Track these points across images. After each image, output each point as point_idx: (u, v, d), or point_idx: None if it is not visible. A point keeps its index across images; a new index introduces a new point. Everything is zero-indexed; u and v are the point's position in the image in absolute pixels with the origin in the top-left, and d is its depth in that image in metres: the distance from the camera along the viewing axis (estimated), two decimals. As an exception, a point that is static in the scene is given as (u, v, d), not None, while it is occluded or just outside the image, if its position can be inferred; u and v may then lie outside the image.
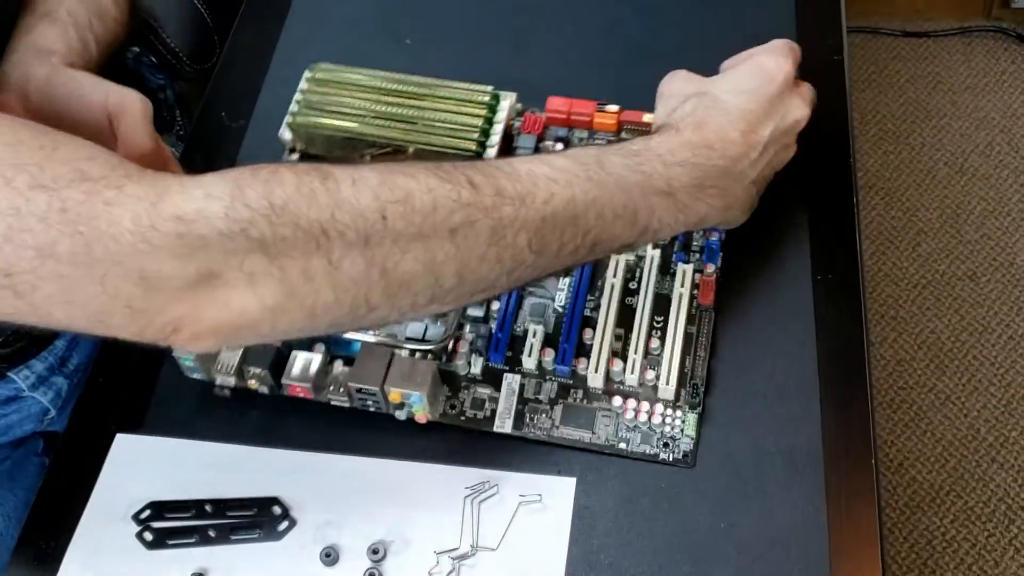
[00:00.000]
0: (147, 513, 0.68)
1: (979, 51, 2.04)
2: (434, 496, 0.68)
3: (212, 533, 0.67)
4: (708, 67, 0.88)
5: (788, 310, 0.74)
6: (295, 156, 0.82)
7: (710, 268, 0.74)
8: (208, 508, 0.67)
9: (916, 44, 2.07)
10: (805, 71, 0.87)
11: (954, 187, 1.86)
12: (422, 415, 0.68)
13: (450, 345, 0.72)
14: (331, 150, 0.81)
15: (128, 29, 0.88)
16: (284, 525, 0.67)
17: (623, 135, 0.83)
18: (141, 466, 0.71)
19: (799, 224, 0.78)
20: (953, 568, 1.45)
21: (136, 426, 0.72)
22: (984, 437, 1.57)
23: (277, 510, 0.67)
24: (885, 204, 1.84)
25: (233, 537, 0.67)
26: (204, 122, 0.91)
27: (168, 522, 0.67)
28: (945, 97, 1.98)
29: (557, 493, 0.67)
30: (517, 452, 0.69)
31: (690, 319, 0.72)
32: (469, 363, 0.72)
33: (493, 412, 0.70)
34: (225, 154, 0.87)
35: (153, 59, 1.09)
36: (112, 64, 1.13)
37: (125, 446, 0.72)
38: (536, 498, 0.67)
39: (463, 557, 0.65)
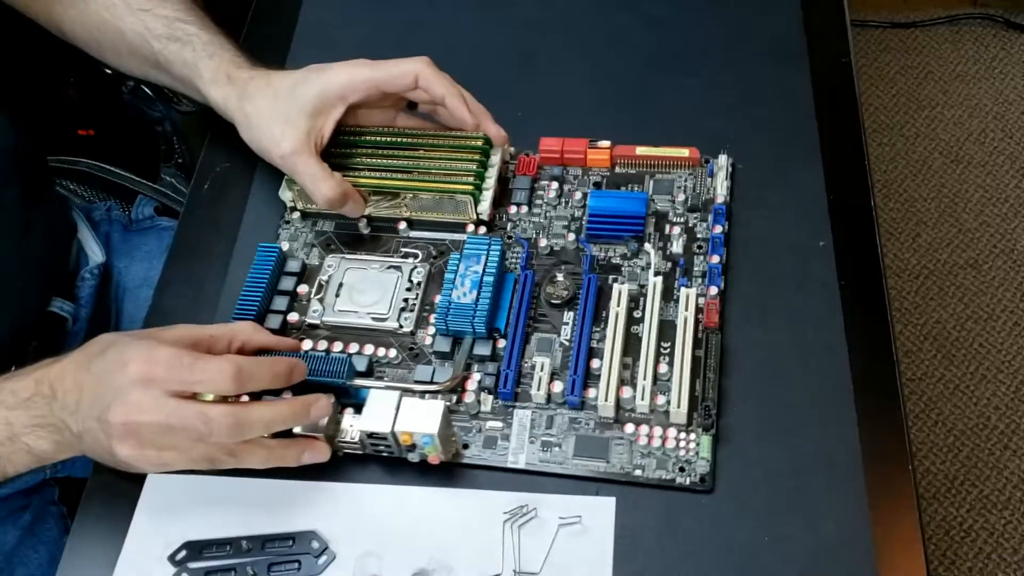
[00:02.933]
0: (183, 554, 0.68)
1: (968, 39, 2.05)
2: (473, 521, 0.68)
3: (251, 571, 0.67)
4: (708, 82, 0.89)
5: (803, 322, 0.74)
6: (296, 215, 0.84)
7: (713, 291, 0.75)
8: (245, 545, 0.68)
9: (904, 35, 2.07)
10: (815, 76, 0.88)
11: (950, 176, 1.86)
12: (434, 456, 0.69)
13: (459, 385, 0.73)
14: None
15: None
16: (324, 559, 0.67)
17: (616, 170, 0.84)
18: (174, 506, 0.71)
19: (809, 241, 0.79)
20: (972, 557, 1.45)
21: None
22: (995, 425, 1.57)
23: (315, 544, 0.67)
24: (883, 196, 1.84)
25: (272, 573, 0.67)
26: (207, 166, 0.91)
27: (205, 561, 0.68)
28: (936, 86, 1.98)
29: (597, 514, 0.67)
30: (534, 486, 0.69)
31: (696, 343, 0.72)
32: (479, 401, 0.72)
33: (506, 449, 0.70)
34: (230, 203, 0.87)
35: (149, 92, 1.10)
36: (107, 100, 1.14)
37: (157, 486, 0.72)
38: (576, 519, 0.67)
39: (508, 582, 0.65)
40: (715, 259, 0.76)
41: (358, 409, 0.70)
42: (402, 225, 0.82)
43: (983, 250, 1.76)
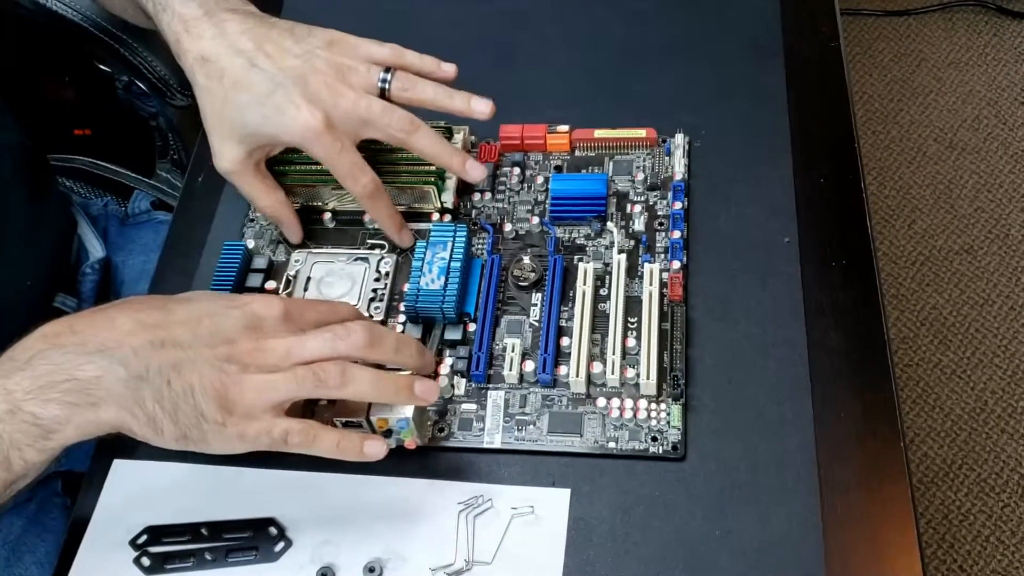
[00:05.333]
0: (144, 538, 0.69)
1: (960, 26, 2.05)
2: (429, 512, 0.68)
3: (209, 556, 0.68)
4: (684, 76, 0.89)
5: (771, 298, 0.75)
6: (259, 212, 0.83)
7: (676, 265, 0.76)
8: (204, 531, 0.68)
9: (898, 23, 2.08)
10: (800, 61, 0.88)
11: (945, 162, 1.86)
12: (411, 441, 0.69)
13: (431, 370, 0.73)
14: (295, 198, 0.82)
15: None
16: (280, 546, 0.68)
17: (576, 153, 0.85)
18: (138, 491, 0.72)
19: (784, 215, 0.79)
20: (971, 541, 1.46)
21: (133, 451, 0.73)
22: (992, 409, 1.58)
23: (273, 531, 0.68)
24: (878, 183, 1.84)
25: (230, 559, 0.67)
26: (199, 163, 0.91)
27: (165, 547, 0.68)
28: (930, 74, 1.99)
29: (552, 505, 0.68)
30: (512, 466, 0.70)
31: (662, 316, 0.73)
32: (452, 385, 0.73)
33: (481, 430, 0.71)
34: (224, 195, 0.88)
35: (143, 87, 1.11)
36: (102, 97, 1.15)
37: (122, 472, 0.73)
38: (528, 510, 0.67)
39: (458, 572, 0.66)
40: (676, 234, 0.77)
41: (332, 400, 0.70)
42: (367, 217, 0.82)
43: (978, 236, 1.77)
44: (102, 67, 1.14)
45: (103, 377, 0.59)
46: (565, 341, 0.73)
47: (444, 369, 0.74)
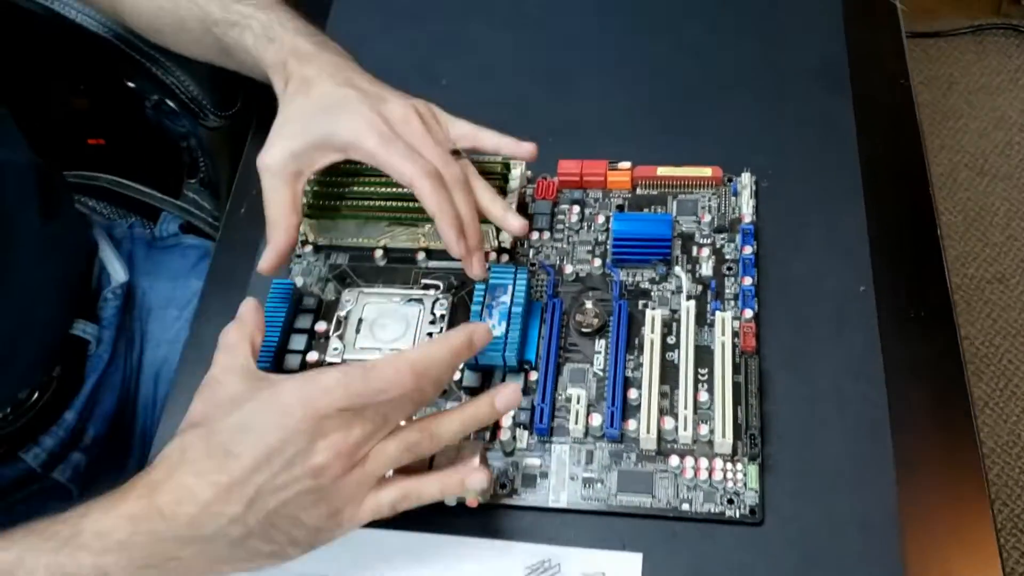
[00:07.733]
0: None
1: (991, 49, 2.03)
2: (493, 574, 0.65)
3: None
4: (747, 111, 0.86)
5: (848, 350, 0.72)
6: (308, 248, 0.81)
7: (748, 314, 0.72)
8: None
9: (927, 45, 2.05)
10: (865, 98, 0.86)
11: (976, 189, 1.84)
12: (473, 499, 0.66)
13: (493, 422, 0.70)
14: (346, 237, 0.79)
15: None
16: (334, 606, 0.64)
17: (638, 191, 0.81)
18: None
19: (858, 261, 0.76)
20: (1005, 579, 1.42)
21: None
22: (1027, 443, 1.55)
23: (325, 590, 0.65)
24: (908, 210, 1.82)
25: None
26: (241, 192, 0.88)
27: None
28: (960, 97, 1.96)
29: (623, 570, 0.64)
30: (578, 526, 0.67)
31: (735, 368, 0.69)
32: (515, 437, 0.69)
33: (546, 487, 0.68)
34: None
35: (174, 107, 1.08)
36: (127, 113, 1.13)
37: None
38: (599, 575, 0.64)
39: (525, 640, 0.63)
40: (747, 281, 0.74)
41: None
42: (420, 255, 0.79)
43: (1010, 264, 1.74)
44: (130, 84, 1.12)
45: (207, 550, 0.57)
46: (633, 393, 0.70)
47: (506, 421, 0.70)
